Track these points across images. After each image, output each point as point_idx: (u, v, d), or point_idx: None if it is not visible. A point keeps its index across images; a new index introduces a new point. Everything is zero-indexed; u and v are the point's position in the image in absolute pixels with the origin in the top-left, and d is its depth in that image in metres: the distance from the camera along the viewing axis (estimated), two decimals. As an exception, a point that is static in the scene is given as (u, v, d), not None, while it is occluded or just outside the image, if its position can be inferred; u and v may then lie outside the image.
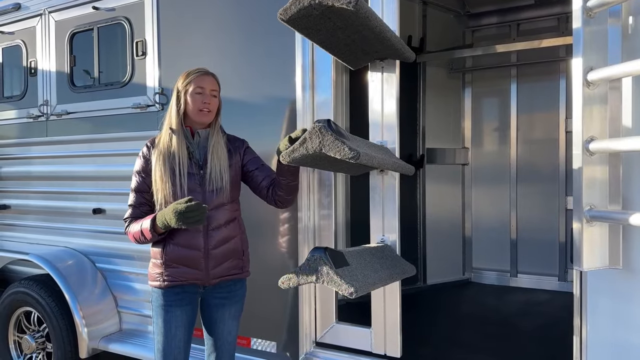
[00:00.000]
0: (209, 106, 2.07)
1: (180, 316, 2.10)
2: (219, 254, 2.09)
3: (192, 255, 2.06)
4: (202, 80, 2.08)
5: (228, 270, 2.14)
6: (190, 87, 2.06)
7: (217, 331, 2.20)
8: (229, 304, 2.18)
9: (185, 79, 2.09)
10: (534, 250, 4.09)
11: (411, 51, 2.34)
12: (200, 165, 2.09)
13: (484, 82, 4.32)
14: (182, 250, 2.05)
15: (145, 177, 2.09)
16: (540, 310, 3.49)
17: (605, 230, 1.65)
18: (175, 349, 2.10)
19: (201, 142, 2.12)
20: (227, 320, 2.20)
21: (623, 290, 1.71)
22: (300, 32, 2.00)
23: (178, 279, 2.07)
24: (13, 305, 3.44)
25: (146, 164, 2.10)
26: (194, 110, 2.06)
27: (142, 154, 2.14)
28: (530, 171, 4.14)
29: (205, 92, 2.08)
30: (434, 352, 2.74)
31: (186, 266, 2.07)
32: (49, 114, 3.53)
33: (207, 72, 2.13)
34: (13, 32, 3.74)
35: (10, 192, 3.81)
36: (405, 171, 2.32)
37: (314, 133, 1.79)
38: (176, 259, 2.06)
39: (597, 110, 1.63)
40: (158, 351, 2.11)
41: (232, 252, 2.15)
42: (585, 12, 1.61)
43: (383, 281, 2.06)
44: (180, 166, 2.02)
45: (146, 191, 2.09)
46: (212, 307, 2.18)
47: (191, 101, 2.06)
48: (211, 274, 2.09)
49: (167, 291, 2.09)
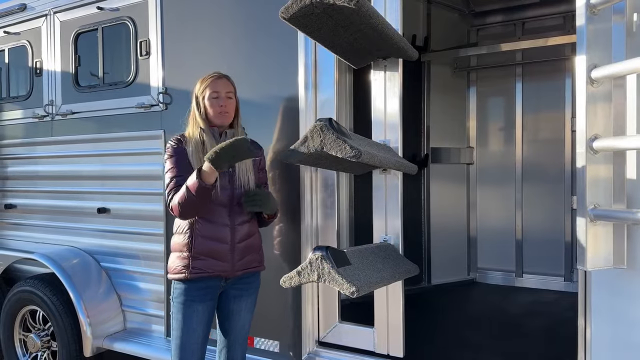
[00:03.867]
0: (225, 108, 2.17)
1: (201, 312, 2.15)
2: (243, 248, 2.19)
3: (220, 248, 2.13)
4: (216, 85, 2.17)
5: (250, 263, 2.23)
6: (207, 92, 2.17)
7: (232, 323, 2.26)
8: (246, 294, 2.26)
9: (202, 85, 2.19)
10: (539, 250, 4.06)
11: (414, 49, 2.33)
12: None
13: (489, 81, 4.30)
14: (211, 242, 2.12)
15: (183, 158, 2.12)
16: (545, 311, 3.46)
17: (609, 229, 1.63)
18: (195, 345, 2.14)
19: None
20: (243, 312, 2.27)
21: (628, 290, 1.69)
22: (302, 30, 1.99)
23: (205, 271, 2.13)
24: (19, 303, 3.47)
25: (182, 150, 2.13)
26: (214, 114, 2.17)
27: (176, 142, 2.17)
28: (535, 171, 4.11)
29: (220, 95, 2.17)
30: (438, 352, 2.72)
31: (214, 258, 2.13)
32: (54, 114, 3.55)
33: (221, 76, 2.22)
34: (19, 33, 3.77)
35: (16, 191, 3.83)
36: (408, 170, 2.31)
37: (315, 132, 1.78)
38: (204, 251, 2.12)
39: (601, 108, 1.62)
40: (177, 347, 2.14)
41: (253, 247, 2.25)
42: (589, 10, 1.59)
43: (385, 280, 2.05)
44: None
45: (190, 168, 2.09)
46: (230, 299, 2.24)
47: (209, 105, 2.17)
48: (236, 266, 2.18)
49: (191, 285, 2.13)
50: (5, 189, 3.89)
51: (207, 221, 2.12)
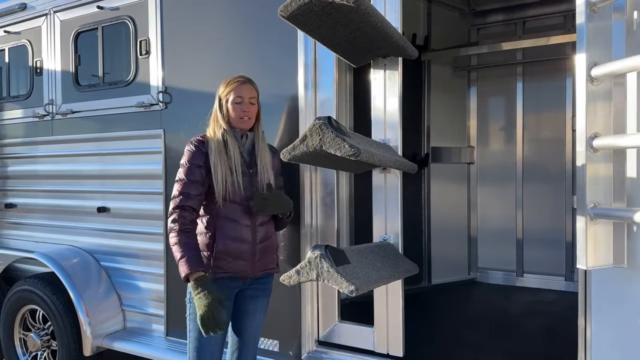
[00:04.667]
0: (248, 113, 2.18)
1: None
2: (263, 248, 2.21)
3: (243, 248, 2.14)
4: (241, 90, 2.17)
5: (268, 264, 2.26)
6: (231, 97, 2.16)
7: (247, 323, 2.26)
8: (262, 295, 2.28)
9: (226, 88, 2.19)
10: (540, 249, 4.05)
11: (414, 48, 2.32)
12: (248, 164, 2.18)
13: (489, 80, 4.29)
14: (234, 243, 2.13)
15: (199, 167, 2.11)
16: (546, 311, 3.45)
17: (609, 228, 1.62)
18: (214, 346, 2.14)
19: (247, 144, 2.21)
20: (258, 313, 2.28)
21: (628, 289, 1.68)
22: (301, 28, 1.99)
23: (227, 271, 2.13)
24: (19, 303, 3.47)
25: (202, 156, 2.12)
26: (236, 118, 2.17)
27: (195, 146, 2.14)
28: (536, 170, 4.10)
29: (244, 101, 2.17)
30: (438, 352, 2.72)
31: (236, 258, 2.14)
32: (54, 113, 3.55)
33: (246, 81, 2.21)
34: (19, 32, 3.77)
35: (16, 190, 3.84)
36: (408, 169, 2.31)
37: (314, 130, 1.78)
38: (227, 251, 2.12)
39: (601, 106, 1.61)
40: (194, 349, 2.13)
41: (272, 247, 2.28)
42: (589, 7, 1.59)
43: (385, 279, 2.05)
44: (235, 164, 2.12)
45: (200, 182, 2.10)
46: (247, 299, 2.24)
47: (232, 109, 2.16)
48: (256, 267, 2.19)
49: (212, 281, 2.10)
50: (6, 188, 3.90)
51: (231, 221, 2.13)
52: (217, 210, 2.12)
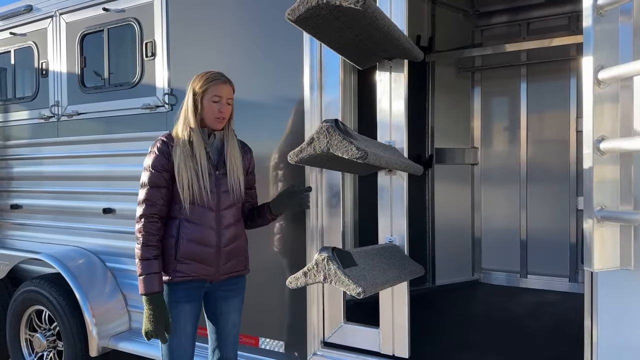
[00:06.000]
0: (223, 114, 2.13)
1: (189, 311, 2.15)
2: (228, 251, 2.17)
3: (206, 251, 2.11)
4: (220, 89, 2.12)
5: (235, 267, 2.22)
6: (208, 94, 2.10)
7: (222, 323, 2.26)
8: (232, 295, 2.26)
9: (204, 84, 2.11)
10: (544, 251, 4.05)
11: (420, 50, 2.33)
12: (215, 166, 2.14)
13: (493, 82, 4.29)
14: (196, 246, 2.10)
15: (162, 172, 2.08)
16: (550, 312, 3.45)
17: (616, 230, 1.63)
18: (186, 343, 2.15)
19: (215, 144, 2.17)
20: (232, 312, 2.27)
21: (635, 291, 1.68)
22: (308, 32, 2.00)
23: (190, 275, 2.12)
24: (25, 303, 3.49)
25: (166, 160, 2.09)
26: (210, 118, 2.12)
27: (160, 149, 2.11)
28: (540, 171, 4.10)
29: (222, 101, 2.12)
30: (443, 353, 2.72)
31: (199, 262, 2.11)
32: (59, 115, 3.57)
33: (226, 81, 2.16)
34: (25, 34, 3.79)
35: (22, 192, 3.85)
36: (414, 171, 2.31)
37: (322, 133, 1.79)
38: (189, 254, 2.10)
39: (608, 109, 1.61)
40: (168, 346, 2.14)
41: (239, 250, 2.24)
42: (596, 10, 1.59)
43: (391, 281, 2.05)
44: (201, 167, 2.07)
45: (164, 186, 2.08)
46: (217, 300, 2.24)
47: (207, 107, 2.10)
48: (221, 270, 2.17)
49: (177, 286, 2.12)
50: (11, 190, 3.91)
51: (193, 224, 2.09)
52: (182, 213, 2.08)
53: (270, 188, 2.66)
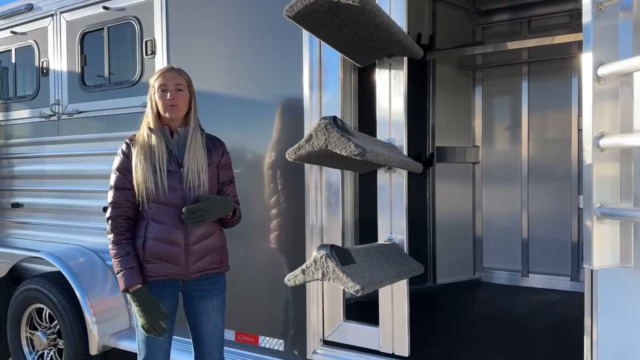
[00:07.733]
0: (173, 101, 2.07)
1: (162, 308, 2.10)
2: (198, 250, 2.12)
3: (173, 250, 2.07)
4: (164, 77, 2.09)
5: (208, 265, 2.16)
6: (156, 87, 2.09)
7: (202, 325, 2.20)
8: (210, 295, 2.20)
9: (154, 80, 2.12)
10: (545, 249, 4.04)
11: (419, 48, 2.32)
12: (180, 163, 2.10)
13: (494, 80, 4.28)
14: (163, 245, 2.06)
15: (126, 174, 2.08)
16: (551, 311, 3.44)
17: (616, 227, 1.62)
18: (160, 339, 2.11)
19: (180, 140, 2.13)
20: (211, 312, 2.20)
21: (635, 289, 1.67)
22: (307, 28, 1.99)
23: (159, 275, 2.08)
24: (25, 302, 3.49)
25: (127, 161, 2.09)
26: (162, 108, 2.08)
27: (122, 151, 2.12)
28: (541, 170, 4.09)
29: (168, 88, 2.08)
30: (443, 352, 2.71)
31: (167, 261, 2.08)
32: (60, 113, 3.57)
33: (170, 69, 2.14)
34: (25, 33, 3.79)
35: (23, 190, 3.86)
36: (413, 168, 2.31)
37: (320, 130, 1.78)
38: (157, 254, 2.06)
39: (607, 105, 1.60)
40: (142, 342, 2.12)
41: (212, 248, 2.17)
42: (596, 6, 1.58)
43: (390, 279, 2.04)
44: (160, 164, 2.04)
45: (128, 188, 2.07)
46: (194, 300, 2.19)
47: (159, 99, 2.08)
48: (191, 269, 2.11)
49: (149, 286, 2.08)
50: (12, 188, 3.92)
51: (159, 223, 2.06)
52: (149, 213, 2.06)
53: (270, 187, 2.66)
